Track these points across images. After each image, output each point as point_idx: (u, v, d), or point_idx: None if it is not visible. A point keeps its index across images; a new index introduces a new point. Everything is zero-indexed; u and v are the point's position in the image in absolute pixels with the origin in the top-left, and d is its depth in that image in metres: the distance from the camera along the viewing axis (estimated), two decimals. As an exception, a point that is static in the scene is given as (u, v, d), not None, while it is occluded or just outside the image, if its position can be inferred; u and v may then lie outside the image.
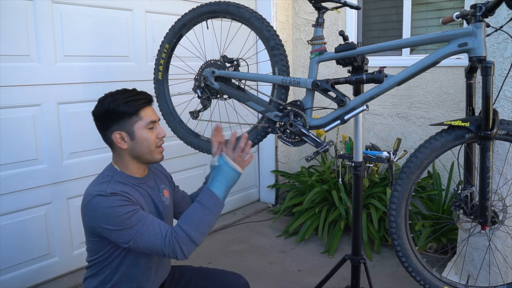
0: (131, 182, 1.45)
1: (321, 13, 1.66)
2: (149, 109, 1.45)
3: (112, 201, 1.31)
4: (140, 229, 1.31)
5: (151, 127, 1.44)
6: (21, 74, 2.22)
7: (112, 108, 1.40)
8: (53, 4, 2.31)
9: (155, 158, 1.47)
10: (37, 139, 2.33)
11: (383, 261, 2.74)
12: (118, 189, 1.35)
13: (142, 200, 1.44)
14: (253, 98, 1.78)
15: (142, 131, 1.42)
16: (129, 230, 1.30)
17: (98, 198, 1.32)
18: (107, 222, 1.31)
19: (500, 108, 1.97)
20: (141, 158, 1.45)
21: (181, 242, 1.32)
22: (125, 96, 1.41)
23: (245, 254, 2.85)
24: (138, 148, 1.43)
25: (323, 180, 3.23)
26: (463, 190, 1.57)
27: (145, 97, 1.44)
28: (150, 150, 1.44)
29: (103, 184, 1.37)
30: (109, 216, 1.30)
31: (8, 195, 2.24)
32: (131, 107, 1.40)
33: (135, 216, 1.31)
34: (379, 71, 1.55)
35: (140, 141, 1.42)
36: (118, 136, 1.41)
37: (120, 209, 1.30)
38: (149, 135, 1.43)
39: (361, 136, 1.76)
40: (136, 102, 1.41)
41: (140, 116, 1.42)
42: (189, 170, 3.19)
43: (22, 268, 2.32)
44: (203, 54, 2.19)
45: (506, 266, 2.06)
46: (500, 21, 1.89)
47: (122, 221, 1.29)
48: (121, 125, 1.41)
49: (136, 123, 1.41)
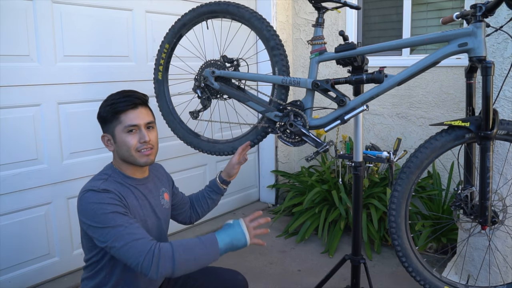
0: (129, 183, 1.45)
1: (321, 13, 1.66)
2: (134, 113, 1.41)
3: (102, 197, 1.30)
4: (122, 232, 1.25)
5: (131, 130, 1.41)
6: (21, 74, 2.22)
7: (99, 111, 1.46)
8: (53, 4, 2.31)
9: (137, 161, 1.43)
10: (37, 139, 2.33)
11: (383, 261, 2.74)
12: (112, 188, 1.35)
13: (136, 203, 1.43)
14: (253, 98, 1.78)
15: (121, 134, 1.41)
16: (110, 229, 1.26)
17: (89, 193, 1.32)
18: (90, 218, 1.29)
19: (500, 108, 1.97)
20: (126, 161, 1.45)
21: (162, 255, 1.23)
22: (112, 99, 1.43)
23: (245, 254, 2.85)
24: (120, 151, 1.43)
25: (323, 180, 3.23)
26: (463, 190, 1.57)
27: (130, 100, 1.41)
28: (130, 154, 1.42)
29: (99, 180, 1.38)
30: (95, 212, 1.28)
31: (8, 195, 2.24)
32: (111, 110, 1.41)
33: (120, 218, 1.28)
34: (379, 71, 1.55)
35: (119, 144, 1.42)
36: (106, 138, 1.46)
37: (108, 206, 1.28)
38: (128, 139, 1.41)
39: (361, 136, 1.76)
40: (117, 105, 1.41)
41: (120, 120, 1.41)
42: (189, 170, 3.19)
43: (22, 268, 2.32)
44: (203, 54, 2.19)
45: (506, 266, 2.06)
46: (500, 21, 1.89)
47: (105, 219, 1.27)
48: (106, 127, 1.45)
49: (116, 126, 1.42)
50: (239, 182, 3.62)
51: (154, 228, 1.50)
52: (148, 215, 1.48)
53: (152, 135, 1.45)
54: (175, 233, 3.08)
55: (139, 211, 1.43)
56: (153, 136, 1.46)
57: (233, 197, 3.61)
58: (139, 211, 1.43)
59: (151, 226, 1.48)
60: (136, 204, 1.43)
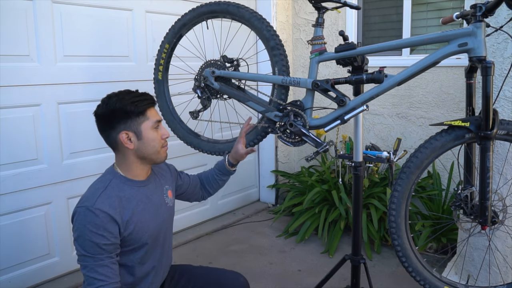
0: (131, 186, 1.44)
1: (321, 13, 1.66)
2: (154, 110, 1.47)
3: (89, 221, 1.31)
4: (90, 264, 1.30)
5: (156, 127, 1.45)
6: (21, 74, 2.22)
7: (118, 107, 1.39)
8: (53, 4, 2.31)
9: (161, 157, 1.48)
10: (37, 139, 2.33)
11: (383, 261, 2.74)
12: (107, 204, 1.34)
13: (140, 207, 1.43)
14: (253, 98, 1.78)
15: (149, 131, 1.42)
16: (84, 254, 1.30)
17: (82, 209, 1.33)
18: (75, 231, 1.33)
19: (500, 108, 1.97)
20: (147, 159, 1.45)
21: None
22: (131, 96, 1.42)
23: (245, 254, 2.85)
24: (145, 148, 1.43)
25: (323, 180, 3.23)
26: (463, 190, 1.57)
27: (149, 98, 1.46)
28: (156, 150, 1.44)
29: (97, 190, 1.37)
30: (80, 230, 1.31)
31: (8, 195, 2.24)
32: (138, 106, 1.40)
33: (95, 250, 1.30)
34: (379, 71, 1.55)
35: (147, 141, 1.42)
36: (125, 136, 1.40)
37: (90, 234, 1.30)
38: (155, 135, 1.44)
39: (361, 136, 1.76)
40: (142, 102, 1.41)
41: (147, 116, 1.42)
42: (189, 170, 3.16)
43: (22, 268, 2.32)
44: (203, 54, 2.19)
45: (506, 266, 2.06)
46: (500, 21, 1.89)
47: (83, 243, 1.30)
48: (128, 125, 1.40)
49: (143, 123, 1.42)
50: (239, 182, 3.62)
51: (158, 229, 1.50)
52: (151, 218, 1.47)
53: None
54: (176, 232, 3.08)
55: (141, 217, 1.43)
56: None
57: (233, 197, 3.61)
58: (141, 217, 1.43)
59: (155, 228, 1.48)
60: (138, 210, 1.43)
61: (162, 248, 1.54)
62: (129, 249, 1.41)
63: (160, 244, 1.52)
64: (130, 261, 1.42)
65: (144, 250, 1.44)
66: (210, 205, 3.40)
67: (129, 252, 1.41)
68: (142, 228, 1.42)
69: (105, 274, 1.30)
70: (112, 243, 1.33)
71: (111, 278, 1.31)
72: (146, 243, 1.44)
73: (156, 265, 1.51)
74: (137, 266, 1.44)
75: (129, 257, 1.42)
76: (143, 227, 1.42)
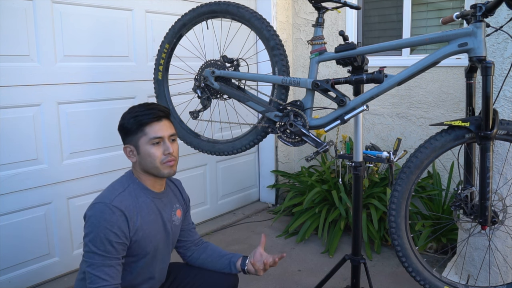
0: (146, 195, 1.46)
1: (321, 13, 1.66)
2: (158, 125, 1.44)
3: (105, 217, 1.31)
4: (97, 262, 1.30)
5: (156, 142, 1.43)
6: (21, 74, 2.22)
7: (121, 122, 1.46)
8: (53, 4, 2.31)
9: (161, 173, 1.45)
10: (37, 139, 2.32)
11: (383, 261, 2.74)
12: (124, 205, 1.36)
13: (149, 218, 1.44)
14: (253, 98, 1.78)
15: (146, 146, 1.42)
16: (93, 251, 1.31)
17: (99, 205, 1.34)
18: (86, 227, 1.33)
19: (500, 108, 1.97)
20: (149, 172, 1.46)
21: None
22: (136, 110, 1.44)
23: (245, 254, 2.84)
24: (144, 163, 1.44)
25: (323, 180, 3.23)
26: (463, 190, 1.57)
27: (154, 113, 1.43)
28: (154, 166, 1.43)
29: (116, 190, 1.40)
30: (94, 225, 1.31)
31: (8, 195, 2.24)
32: (136, 122, 1.42)
33: (105, 247, 1.30)
34: (379, 71, 1.55)
35: (143, 156, 1.43)
36: (128, 149, 1.46)
37: (104, 230, 1.30)
38: (153, 151, 1.42)
39: (361, 136, 1.76)
40: (142, 117, 1.42)
41: (145, 132, 1.42)
42: (189, 170, 3.18)
43: (22, 268, 2.32)
44: (203, 54, 2.19)
45: (506, 266, 2.06)
46: (500, 21, 1.89)
47: (94, 239, 1.30)
48: (129, 139, 1.45)
49: (141, 138, 1.43)
50: (239, 182, 3.62)
51: (162, 243, 1.51)
52: (159, 230, 1.48)
53: (174, 147, 1.47)
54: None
55: (150, 226, 1.44)
56: (175, 148, 1.48)
57: (233, 197, 3.61)
58: (150, 226, 1.44)
59: (159, 242, 1.49)
60: (149, 219, 1.44)
61: (161, 263, 1.55)
62: (131, 260, 1.42)
63: (159, 259, 1.53)
64: (130, 270, 1.44)
65: (144, 261, 1.45)
66: (210, 205, 3.40)
67: (131, 262, 1.43)
68: (149, 238, 1.43)
69: (109, 274, 1.31)
70: (122, 242, 1.34)
71: (114, 279, 1.32)
72: (148, 253, 1.45)
73: (153, 277, 1.52)
74: (134, 277, 1.46)
75: (130, 266, 1.43)
76: (149, 237, 1.43)
